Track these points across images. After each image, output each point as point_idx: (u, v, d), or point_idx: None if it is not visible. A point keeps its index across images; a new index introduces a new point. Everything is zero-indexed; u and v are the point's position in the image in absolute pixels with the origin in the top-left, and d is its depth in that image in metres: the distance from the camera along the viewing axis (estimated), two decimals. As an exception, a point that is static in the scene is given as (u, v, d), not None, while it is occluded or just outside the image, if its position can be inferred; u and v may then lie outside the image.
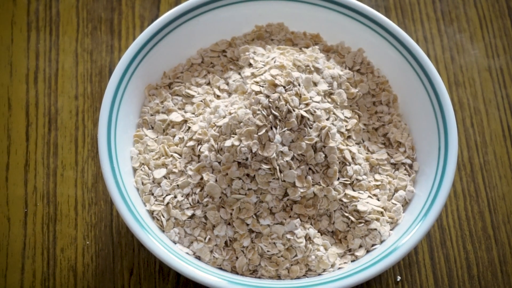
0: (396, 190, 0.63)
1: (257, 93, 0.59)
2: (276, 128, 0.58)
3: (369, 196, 0.61)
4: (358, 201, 0.60)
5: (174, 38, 0.67)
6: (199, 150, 0.61)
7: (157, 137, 0.64)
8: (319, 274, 0.59)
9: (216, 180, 0.59)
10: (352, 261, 0.60)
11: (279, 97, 0.59)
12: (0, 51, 0.76)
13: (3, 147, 0.72)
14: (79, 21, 0.78)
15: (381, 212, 0.61)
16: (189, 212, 0.60)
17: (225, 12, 0.68)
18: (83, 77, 0.75)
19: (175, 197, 0.60)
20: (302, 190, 0.59)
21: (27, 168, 0.71)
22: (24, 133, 0.73)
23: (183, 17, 0.67)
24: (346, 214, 0.60)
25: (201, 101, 0.65)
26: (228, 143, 0.59)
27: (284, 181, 0.59)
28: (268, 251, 0.59)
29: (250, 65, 0.65)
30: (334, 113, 0.62)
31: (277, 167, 0.58)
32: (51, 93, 0.75)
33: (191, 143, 0.61)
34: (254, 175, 0.59)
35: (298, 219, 0.59)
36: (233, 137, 0.59)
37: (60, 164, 0.71)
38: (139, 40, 0.65)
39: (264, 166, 0.58)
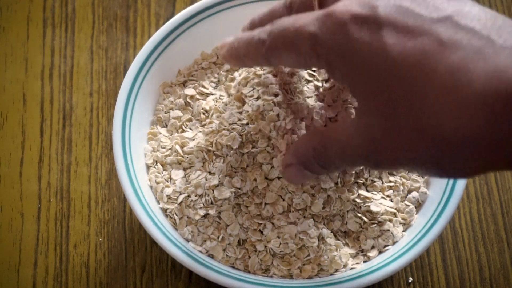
0: (409, 191, 0.63)
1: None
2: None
3: (382, 197, 0.61)
4: (371, 201, 0.60)
5: (189, 36, 0.67)
6: (215, 149, 0.61)
7: (171, 135, 0.65)
8: (331, 274, 0.59)
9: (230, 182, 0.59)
10: (364, 261, 0.60)
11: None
12: (16, 47, 0.77)
13: (17, 142, 0.72)
14: (95, 18, 0.78)
15: (394, 213, 0.61)
16: (202, 212, 0.60)
17: (240, 11, 0.68)
18: (98, 74, 0.76)
19: (189, 196, 0.60)
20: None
21: (41, 164, 0.71)
22: (38, 129, 0.73)
23: (199, 15, 0.67)
24: (359, 215, 0.60)
25: (215, 99, 0.65)
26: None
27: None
28: (281, 251, 0.59)
29: None
30: None
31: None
32: (66, 89, 0.75)
33: (206, 142, 0.61)
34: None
35: (312, 219, 0.59)
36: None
37: (74, 161, 0.71)
38: (154, 38, 0.65)
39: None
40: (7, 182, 0.71)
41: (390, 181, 0.62)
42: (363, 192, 0.60)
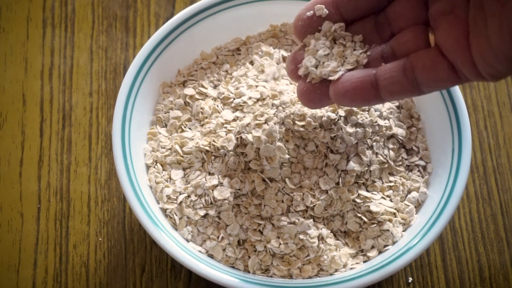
0: (409, 192, 0.62)
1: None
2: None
3: (382, 197, 0.61)
4: (371, 201, 0.60)
5: (189, 36, 0.67)
6: (214, 150, 0.61)
7: (170, 135, 0.65)
8: (331, 274, 0.59)
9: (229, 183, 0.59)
10: (364, 261, 0.60)
11: None
12: (16, 47, 0.77)
13: (17, 142, 0.72)
14: (95, 18, 0.78)
15: (394, 213, 0.61)
16: (202, 212, 0.60)
17: (240, 11, 0.68)
18: (98, 74, 0.76)
19: (189, 196, 0.60)
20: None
21: (41, 164, 0.71)
22: (38, 129, 0.73)
23: (198, 15, 0.67)
24: (359, 215, 0.60)
25: (213, 99, 0.65)
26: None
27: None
28: (280, 251, 0.59)
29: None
30: None
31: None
32: (66, 89, 0.75)
33: (204, 142, 0.61)
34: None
35: (311, 220, 0.59)
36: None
37: (74, 161, 0.71)
38: (154, 38, 0.65)
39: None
40: (7, 182, 0.71)
41: (390, 181, 0.62)
42: (363, 192, 0.60)
